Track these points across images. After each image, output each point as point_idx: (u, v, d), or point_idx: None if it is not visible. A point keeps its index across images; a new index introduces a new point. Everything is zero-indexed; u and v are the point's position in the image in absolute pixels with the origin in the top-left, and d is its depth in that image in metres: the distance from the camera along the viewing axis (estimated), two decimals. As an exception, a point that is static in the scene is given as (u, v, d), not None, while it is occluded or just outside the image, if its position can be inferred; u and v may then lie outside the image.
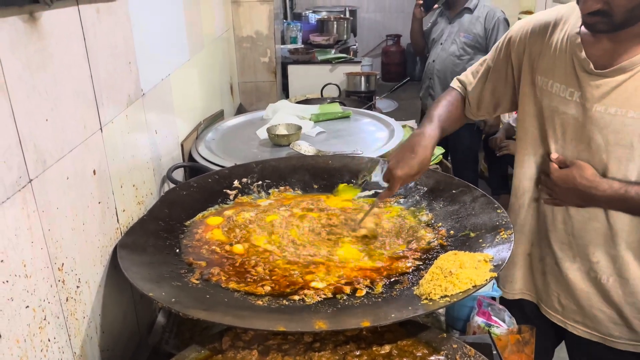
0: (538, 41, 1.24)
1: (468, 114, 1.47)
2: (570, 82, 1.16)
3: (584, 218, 1.23)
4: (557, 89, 1.19)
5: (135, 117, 1.24)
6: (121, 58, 1.16)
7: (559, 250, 1.30)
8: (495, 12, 3.15)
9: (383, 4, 7.88)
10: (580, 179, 1.16)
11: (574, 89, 1.16)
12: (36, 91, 0.82)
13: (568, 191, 1.19)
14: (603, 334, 1.29)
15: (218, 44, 2.35)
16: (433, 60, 3.33)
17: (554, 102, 1.20)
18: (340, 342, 0.92)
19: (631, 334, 1.27)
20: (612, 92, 1.10)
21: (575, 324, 1.34)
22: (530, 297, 1.45)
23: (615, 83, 1.09)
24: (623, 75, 1.09)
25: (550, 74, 1.20)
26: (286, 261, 1.12)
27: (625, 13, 1.01)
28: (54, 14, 0.86)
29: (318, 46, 4.03)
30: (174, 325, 1.21)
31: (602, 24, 1.05)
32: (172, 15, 1.65)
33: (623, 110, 1.10)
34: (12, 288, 0.74)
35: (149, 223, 1.21)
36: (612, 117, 1.11)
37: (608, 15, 1.02)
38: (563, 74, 1.17)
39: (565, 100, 1.17)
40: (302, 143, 1.74)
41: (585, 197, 1.17)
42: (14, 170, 0.75)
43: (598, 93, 1.12)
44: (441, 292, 0.94)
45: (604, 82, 1.11)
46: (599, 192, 1.14)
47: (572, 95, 1.16)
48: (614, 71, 1.09)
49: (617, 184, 1.13)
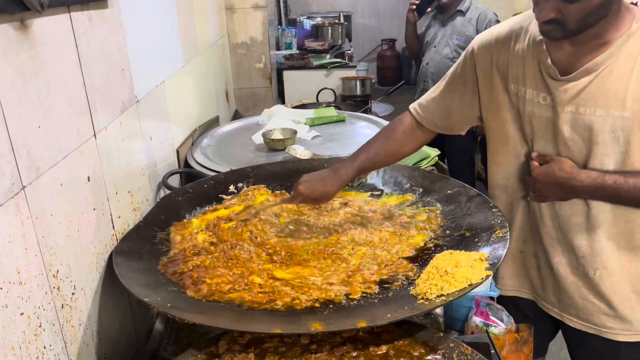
0: (503, 51, 1.27)
1: (425, 124, 1.44)
2: (540, 87, 1.20)
3: (568, 213, 1.26)
4: (530, 94, 1.23)
5: (130, 124, 1.25)
6: (114, 65, 1.17)
7: (549, 246, 1.33)
8: (487, 14, 3.17)
9: (377, 9, 7.92)
10: (559, 172, 1.19)
11: (546, 93, 1.20)
12: (29, 98, 0.82)
13: (549, 185, 1.22)
14: (598, 326, 1.32)
15: (213, 51, 2.36)
16: (427, 63, 3.35)
17: (529, 107, 1.24)
18: (337, 343, 0.92)
19: (623, 324, 1.29)
20: (579, 94, 1.14)
21: (570, 316, 1.36)
22: (525, 294, 1.47)
23: (582, 85, 1.14)
24: (588, 77, 1.13)
25: (521, 81, 1.24)
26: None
27: (578, 21, 1.05)
28: (45, 21, 0.87)
29: (313, 52, 4.04)
30: (172, 332, 1.21)
31: (556, 31, 1.09)
32: (166, 22, 1.65)
33: (591, 109, 1.14)
34: (6, 295, 0.74)
35: (145, 229, 1.21)
36: (582, 116, 1.15)
37: (562, 24, 1.06)
38: (533, 80, 1.22)
39: (539, 104, 1.21)
40: (297, 147, 1.74)
41: (565, 189, 1.21)
42: (7, 177, 0.75)
43: (567, 97, 1.16)
44: (437, 291, 0.94)
45: (570, 85, 1.15)
46: (578, 182, 1.17)
47: (545, 99, 1.20)
48: (578, 74, 1.13)
49: (595, 173, 1.16)
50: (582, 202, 1.24)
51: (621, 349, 1.32)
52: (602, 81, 1.12)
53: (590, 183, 1.16)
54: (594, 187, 1.17)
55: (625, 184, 1.13)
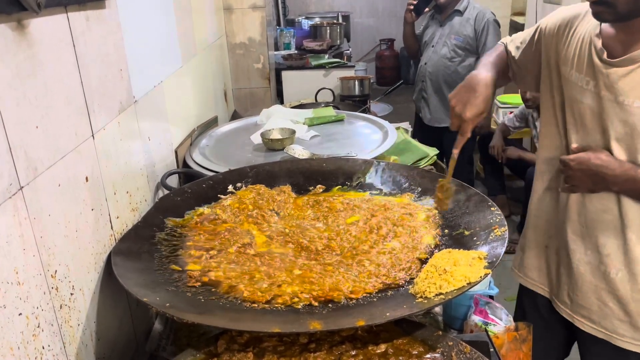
0: (565, 33, 1.27)
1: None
2: (587, 70, 1.20)
3: (597, 209, 1.25)
4: (576, 77, 1.22)
5: (128, 124, 1.24)
6: (112, 65, 1.17)
7: (572, 242, 1.31)
8: (485, 13, 3.17)
9: (376, 9, 7.92)
10: (595, 159, 1.18)
11: (590, 77, 1.19)
12: (26, 99, 0.82)
13: (582, 173, 1.21)
14: (608, 331, 1.30)
15: (211, 51, 2.36)
16: (425, 63, 3.35)
17: (573, 91, 1.23)
18: (336, 342, 0.92)
19: (635, 332, 1.27)
20: (619, 81, 1.14)
21: (582, 319, 1.34)
22: (543, 291, 1.46)
23: (623, 72, 1.13)
24: (632, 66, 1.12)
25: (571, 63, 1.24)
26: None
27: (628, 4, 1.05)
28: (43, 21, 0.87)
29: (311, 52, 4.04)
30: (171, 332, 1.21)
31: (606, 13, 1.09)
32: (164, 22, 1.65)
33: (630, 99, 1.13)
34: (4, 295, 0.74)
35: (144, 229, 1.21)
36: (620, 105, 1.14)
37: (612, 5, 1.06)
38: (582, 62, 1.21)
39: (582, 89, 1.21)
40: (296, 147, 1.74)
41: (596, 179, 1.19)
42: (5, 177, 0.75)
43: (608, 82, 1.15)
44: (436, 289, 0.94)
45: (613, 70, 1.14)
46: (610, 171, 1.16)
47: (588, 84, 1.20)
48: (623, 61, 1.13)
49: (628, 164, 1.16)
50: (613, 199, 1.22)
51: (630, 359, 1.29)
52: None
53: (622, 173, 1.15)
54: (624, 178, 1.15)
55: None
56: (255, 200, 1.38)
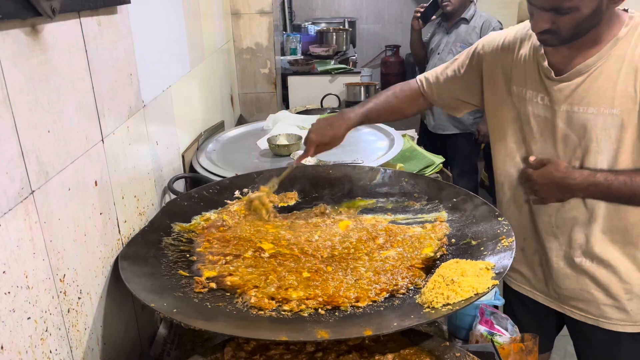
0: (508, 55, 1.38)
1: (427, 97, 1.60)
2: (539, 88, 1.30)
3: (565, 208, 1.33)
4: (531, 95, 1.32)
5: (137, 129, 1.25)
6: (122, 70, 1.17)
7: (547, 242, 1.40)
8: (491, 22, 3.17)
9: (382, 15, 7.93)
10: (556, 172, 1.27)
11: (544, 94, 1.29)
12: (39, 103, 0.82)
13: (548, 187, 1.29)
14: (596, 316, 1.38)
15: (218, 56, 2.37)
16: (431, 70, 3.35)
17: (529, 107, 1.33)
18: (343, 351, 0.92)
19: (621, 314, 1.35)
20: (573, 93, 1.24)
21: (571, 308, 1.42)
22: (526, 291, 1.53)
23: (575, 85, 1.23)
24: (580, 77, 1.22)
25: (523, 83, 1.34)
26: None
27: (571, 30, 1.15)
28: (56, 26, 0.87)
29: (318, 57, 4.05)
30: (175, 337, 1.21)
31: (552, 40, 1.20)
32: (173, 27, 1.66)
33: (584, 107, 1.23)
34: (14, 299, 0.74)
35: (151, 234, 1.21)
36: (577, 114, 1.24)
37: (556, 33, 1.17)
38: (533, 82, 1.31)
39: (538, 104, 1.31)
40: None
41: (563, 189, 1.27)
42: (17, 181, 0.76)
43: (562, 96, 1.25)
44: (443, 300, 0.94)
45: (565, 85, 1.25)
46: (572, 180, 1.25)
47: (543, 99, 1.30)
48: (571, 74, 1.23)
49: (587, 171, 1.25)
50: (579, 200, 1.30)
51: (622, 341, 1.37)
52: (593, 81, 1.21)
53: (583, 180, 1.24)
54: (586, 184, 1.24)
55: (615, 181, 1.20)
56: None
